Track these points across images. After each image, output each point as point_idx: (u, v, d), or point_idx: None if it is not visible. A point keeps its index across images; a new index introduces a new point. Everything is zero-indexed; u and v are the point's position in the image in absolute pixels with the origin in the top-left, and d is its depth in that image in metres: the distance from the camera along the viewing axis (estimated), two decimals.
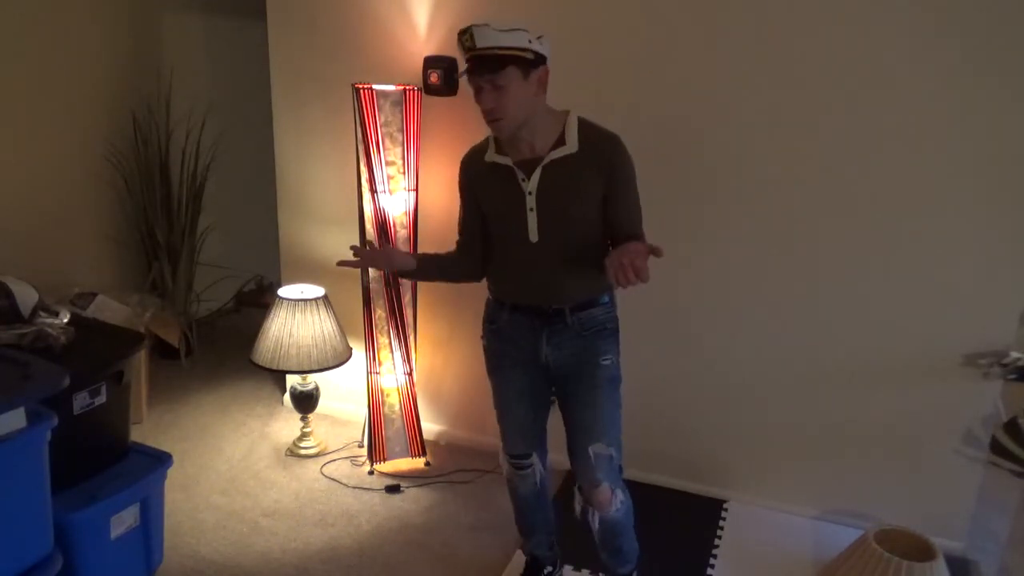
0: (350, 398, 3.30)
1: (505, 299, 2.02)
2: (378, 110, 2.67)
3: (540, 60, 1.79)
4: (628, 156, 1.86)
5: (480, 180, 1.97)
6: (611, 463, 1.97)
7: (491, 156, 1.92)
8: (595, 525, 2.06)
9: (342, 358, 2.98)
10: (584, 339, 1.96)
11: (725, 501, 2.80)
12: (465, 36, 1.75)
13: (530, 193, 1.86)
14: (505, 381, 2.09)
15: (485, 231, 2.04)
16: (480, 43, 1.73)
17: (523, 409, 2.09)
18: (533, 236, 1.89)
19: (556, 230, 1.88)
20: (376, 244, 2.47)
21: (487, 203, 1.98)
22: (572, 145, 1.84)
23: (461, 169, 2.02)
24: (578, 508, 2.07)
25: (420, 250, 2.91)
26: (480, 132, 1.99)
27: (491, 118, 1.79)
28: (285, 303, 2.91)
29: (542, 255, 1.91)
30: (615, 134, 1.86)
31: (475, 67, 1.76)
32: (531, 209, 1.87)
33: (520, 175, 1.86)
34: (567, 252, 1.90)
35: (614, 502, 1.99)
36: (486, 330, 2.10)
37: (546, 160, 1.84)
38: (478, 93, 1.79)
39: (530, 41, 1.75)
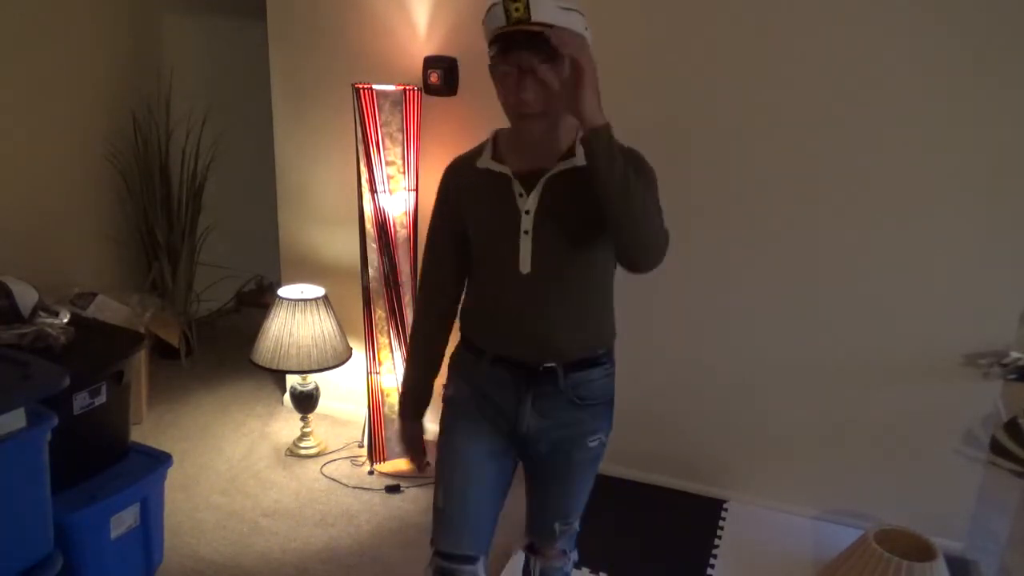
0: (350, 398, 3.30)
1: (484, 347, 1.58)
2: (378, 110, 2.67)
3: None
4: (651, 169, 1.52)
5: (470, 191, 1.54)
6: (573, 533, 1.78)
7: (485, 162, 1.51)
8: (535, 572, 1.84)
9: (342, 358, 2.98)
10: (577, 411, 1.58)
11: (725, 501, 2.80)
12: (517, 3, 1.31)
13: (527, 212, 1.47)
14: (466, 450, 1.62)
15: (463, 264, 1.62)
16: (536, 15, 1.30)
17: (484, 492, 1.62)
18: (524, 266, 1.48)
19: (553, 261, 1.49)
20: (421, 451, 1.87)
21: (474, 220, 1.55)
22: (583, 156, 1.42)
23: (445, 178, 1.61)
24: (523, 561, 1.86)
25: (420, 251, 2.91)
26: (481, 133, 1.92)
27: (527, 111, 1.39)
28: (285, 303, 2.91)
29: (533, 292, 1.51)
30: (635, 149, 1.52)
31: (520, 44, 1.33)
32: (526, 232, 1.47)
33: (518, 189, 1.47)
34: (564, 290, 1.52)
35: (565, 562, 1.81)
36: (453, 377, 1.67)
37: (551, 173, 1.46)
38: (511, 79, 1.37)
39: (586, 28, 1.39)
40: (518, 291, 1.51)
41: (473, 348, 1.61)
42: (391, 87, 2.70)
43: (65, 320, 2.21)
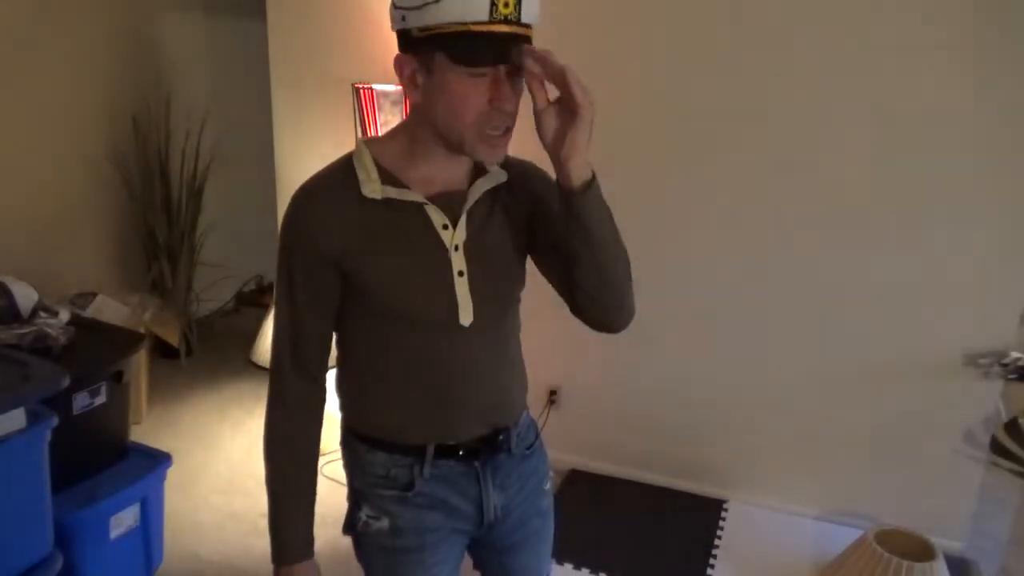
0: None
1: (417, 441, 1.20)
2: (378, 110, 2.67)
3: None
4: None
5: (361, 232, 1.10)
6: None
7: (380, 189, 1.10)
8: None
9: None
10: (527, 462, 1.30)
11: (725, 501, 2.80)
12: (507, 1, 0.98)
13: (456, 248, 1.13)
14: None
15: (330, 341, 1.24)
16: (526, 17, 1.01)
17: None
18: (466, 317, 1.14)
19: (494, 304, 1.18)
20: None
21: (377, 272, 1.11)
22: (500, 171, 1.17)
23: (303, 219, 1.13)
24: None
25: None
26: None
27: (505, 128, 1.06)
28: None
29: (481, 347, 1.18)
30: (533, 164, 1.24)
31: (501, 44, 1.00)
32: (460, 273, 1.13)
33: (440, 219, 1.12)
34: (506, 337, 1.24)
35: None
36: (378, 499, 1.25)
37: (474, 196, 1.15)
38: (486, 86, 1.02)
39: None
40: (462, 350, 1.16)
41: (398, 449, 1.20)
42: (391, 87, 2.69)
43: (65, 320, 2.21)
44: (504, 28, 0.99)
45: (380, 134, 1.22)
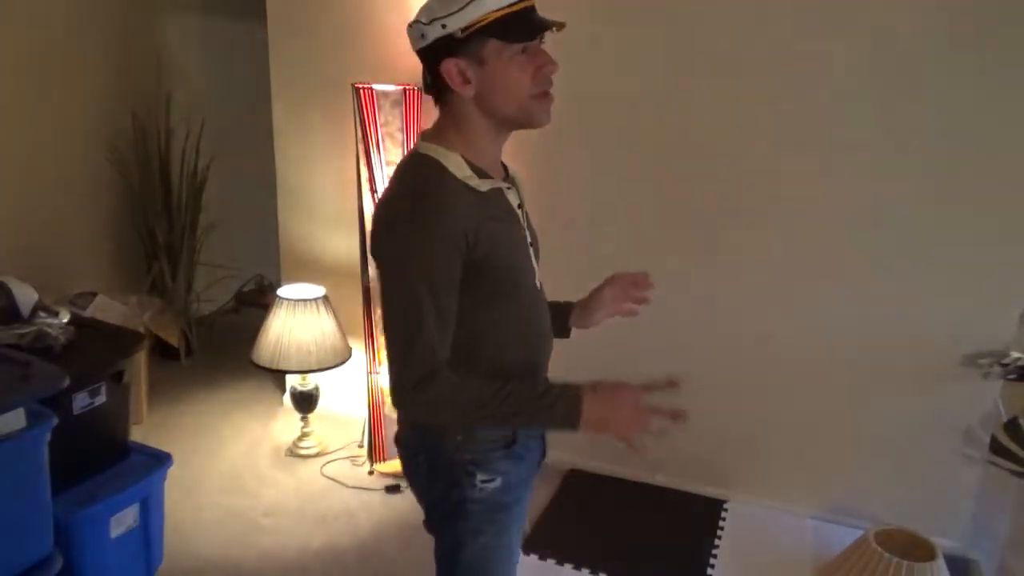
0: (350, 398, 3.30)
1: None
2: (378, 110, 2.67)
3: None
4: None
5: (482, 221, 1.22)
6: None
7: (478, 181, 1.24)
8: None
9: (342, 358, 2.98)
10: None
11: (725, 501, 2.80)
12: None
13: (525, 224, 1.35)
14: (516, 543, 1.43)
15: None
16: None
17: None
18: (537, 280, 1.35)
19: (537, 266, 1.38)
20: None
21: (499, 256, 1.25)
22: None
23: (441, 218, 1.19)
24: None
25: None
26: None
27: (548, 91, 1.25)
28: (285, 303, 2.91)
29: (545, 311, 1.40)
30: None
31: (540, 19, 1.21)
32: (531, 244, 1.35)
33: (514, 199, 1.32)
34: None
35: None
36: (493, 462, 1.34)
37: (512, 177, 1.36)
38: (542, 54, 1.23)
39: None
40: (542, 309, 1.38)
41: None
42: (391, 87, 2.70)
43: (65, 320, 2.21)
44: (531, 2, 1.19)
45: (430, 133, 1.31)
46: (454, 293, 1.21)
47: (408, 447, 1.42)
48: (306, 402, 3.08)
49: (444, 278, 1.20)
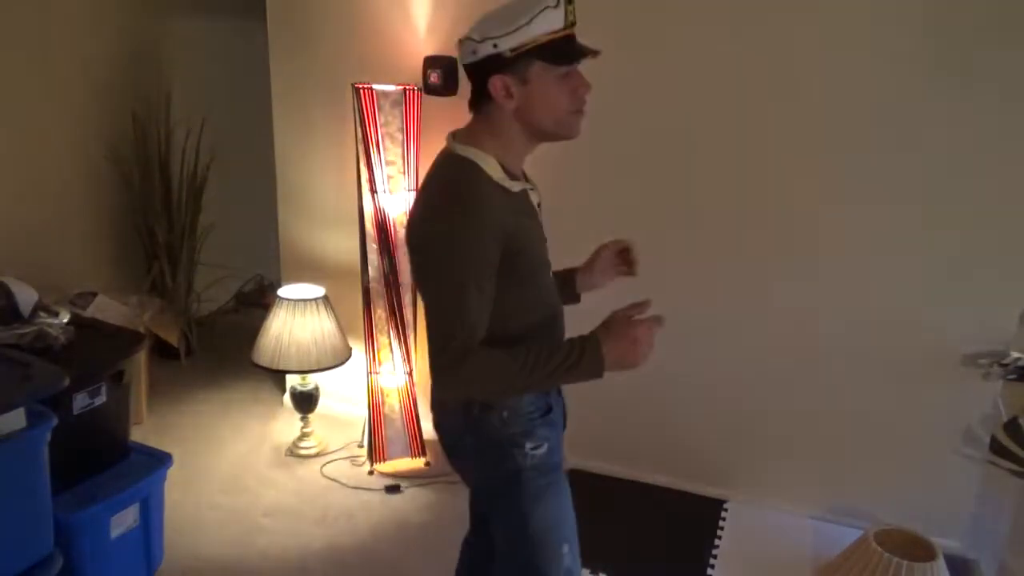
0: (350, 398, 3.30)
1: None
2: (378, 110, 2.67)
3: None
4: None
5: (515, 217, 1.38)
6: None
7: (510, 182, 1.39)
8: None
9: (342, 358, 2.98)
10: None
11: (725, 501, 2.80)
12: (571, 6, 1.34)
13: (541, 222, 1.49)
14: (567, 492, 1.54)
15: None
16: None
17: None
18: (550, 271, 1.54)
19: None
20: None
21: (530, 243, 1.41)
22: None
23: (483, 213, 1.32)
24: None
25: None
26: None
27: (582, 109, 1.40)
28: (285, 303, 2.91)
29: (557, 291, 1.57)
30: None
31: (579, 44, 1.36)
32: (544, 241, 1.50)
33: (536, 199, 1.47)
34: None
35: None
36: (537, 429, 1.46)
37: (534, 182, 1.52)
38: (577, 76, 1.38)
39: None
40: (557, 295, 1.55)
41: None
42: (391, 87, 2.70)
43: (65, 320, 2.21)
44: (573, 31, 1.34)
45: (463, 136, 1.43)
46: (493, 280, 1.33)
47: (451, 431, 1.50)
48: (306, 402, 3.08)
49: (486, 266, 1.31)
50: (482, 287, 1.31)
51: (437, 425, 1.55)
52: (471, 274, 1.30)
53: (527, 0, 1.31)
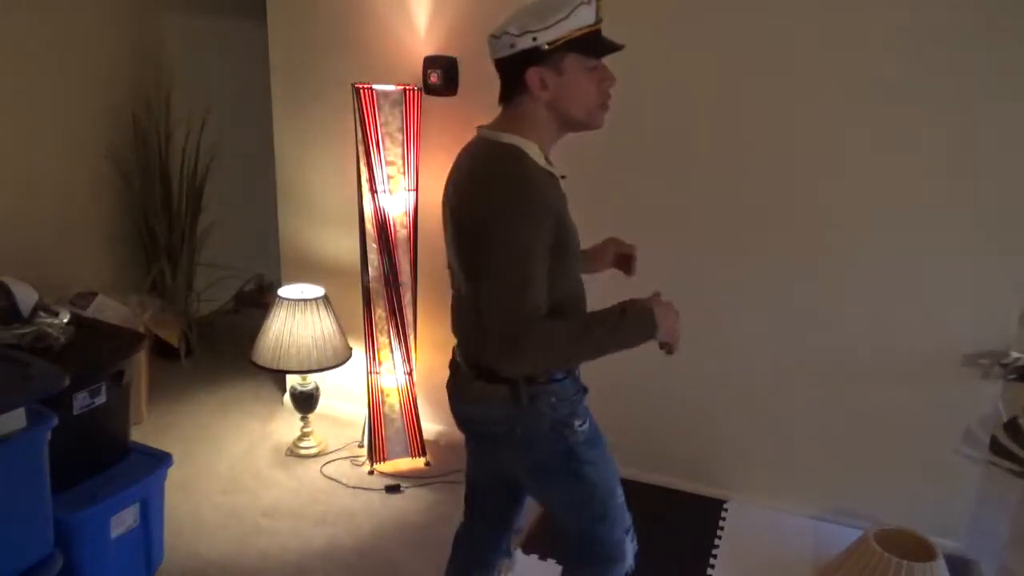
0: (350, 398, 3.30)
1: None
2: (378, 110, 2.67)
3: None
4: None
5: (560, 202, 1.47)
6: None
7: (551, 168, 1.49)
8: None
9: (342, 358, 2.98)
10: None
11: (725, 501, 2.80)
12: (599, 3, 1.45)
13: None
14: (607, 449, 1.70)
15: None
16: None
17: None
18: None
19: None
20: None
21: (570, 229, 1.49)
22: None
23: (542, 195, 1.41)
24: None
25: (420, 251, 2.91)
26: None
27: (607, 102, 1.50)
28: (285, 303, 2.91)
29: None
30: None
31: (607, 39, 1.46)
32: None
33: (563, 185, 1.53)
34: None
35: None
36: (580, 408, 1.59)
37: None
38: (604, 70, 1.48)
39: None
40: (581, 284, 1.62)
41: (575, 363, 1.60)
42: (391, 87, 2.70)
43: (65, 320, 2.21)
44: (601, 25, 1.43)
45: (503, 125, 1.49)
46: (547, 258, 1.40)
47: (499, 423, 1.56)
48: (306, 402, 3.08)
49: (544, 246, 1.39)
50: (540, 265, 1.40)
51: (478, 421, 1.61)
52: (536, 254, 1.38)
53: None
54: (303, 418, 3.11)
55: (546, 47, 1.39)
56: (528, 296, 1.38)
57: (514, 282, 1.38)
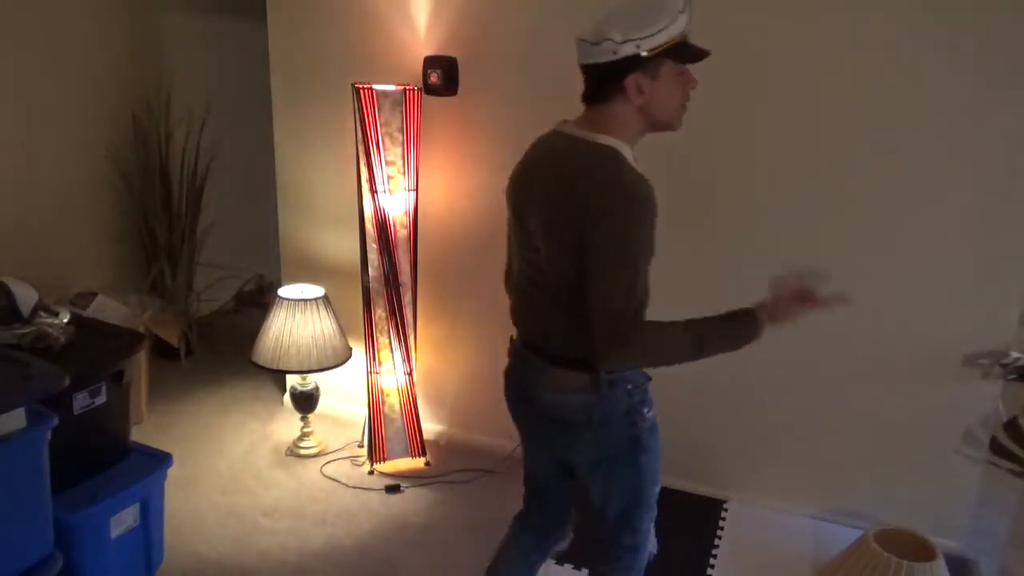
0: (350, 398, 3.30)
1: None
2: (378, 110, 2.67)
3: None
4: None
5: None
6: None
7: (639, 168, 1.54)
8: None
9: (342, 358, 2.98)
10: None
11: (725, 501, 2.80)
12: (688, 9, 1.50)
13: None
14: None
15: None
16: None
17: None
18: None
19: None
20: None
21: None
22: None
23: (648, 197, 1.50)
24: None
25: (420, 251, 2.91)
26: (481, 133, 1.92)
27: (686, 105, 1.58)
28: (285, 303, 2.91)
29: None
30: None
31: (695, 45, 1.52)
32: None
33: None
34: None
35: None
36: (647, 396, 1.73)
37: None
38: (689, 75, 1.54)
39: None
40: None
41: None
42: (391, 87, 2.70)
43: (65, 320, 2.21)
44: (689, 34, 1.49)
45: (594, 126, 1.54)
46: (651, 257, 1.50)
47: (578, 410, 1.63)
48: (306, 402, 3.08)
49: (652, 245, 1.50)
50: (648, 264, 1.51)
51: (552, 407, 1.65)
52: (645, 253, 1.49)
53: (660, 4, 1.45)
54: (303, 418, 3.11)
55: (646, 54, 1.44)
56: (637, 296, 1.48)
57: (627, 282, 1.46)
